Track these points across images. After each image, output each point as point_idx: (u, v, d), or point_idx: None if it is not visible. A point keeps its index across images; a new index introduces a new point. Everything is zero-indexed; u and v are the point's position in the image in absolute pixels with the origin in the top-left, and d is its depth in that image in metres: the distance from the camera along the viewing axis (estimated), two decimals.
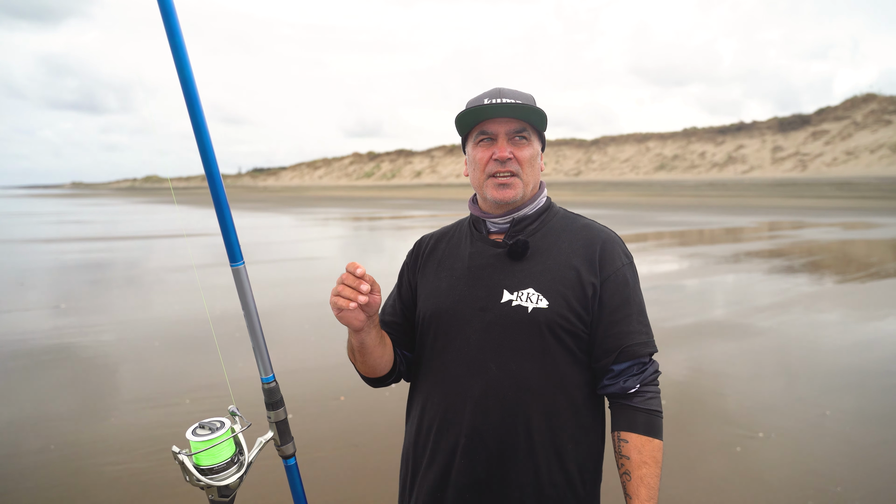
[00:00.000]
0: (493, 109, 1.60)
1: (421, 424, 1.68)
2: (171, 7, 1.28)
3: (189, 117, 1.34)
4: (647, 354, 1.61)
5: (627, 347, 1.59)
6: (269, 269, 13.73)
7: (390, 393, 5.54)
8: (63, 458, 4.40)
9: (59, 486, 4.00)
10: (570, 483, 1.59)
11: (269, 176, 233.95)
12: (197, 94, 1.33)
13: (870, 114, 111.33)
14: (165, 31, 1.28)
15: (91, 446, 4.58)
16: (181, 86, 1.33)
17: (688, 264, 14.23)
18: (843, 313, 8.94)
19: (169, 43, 1.30)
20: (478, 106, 1.61)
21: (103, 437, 4.72)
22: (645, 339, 1.61)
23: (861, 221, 26.10)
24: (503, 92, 1.64)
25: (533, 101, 1.66)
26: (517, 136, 1.62)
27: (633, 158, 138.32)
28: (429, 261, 1.79)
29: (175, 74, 1.31)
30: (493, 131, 1.63)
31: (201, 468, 1.31)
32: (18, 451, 4.50)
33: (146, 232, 24.97)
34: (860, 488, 3.92)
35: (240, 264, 1.44)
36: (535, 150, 1.66)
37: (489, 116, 1.62)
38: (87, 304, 9.92)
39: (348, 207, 46.07)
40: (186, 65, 1.31)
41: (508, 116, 1.61)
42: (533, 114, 1.60)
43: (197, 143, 1.36)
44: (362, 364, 1.67)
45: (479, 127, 1.65)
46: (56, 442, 4.65)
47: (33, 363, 6.61)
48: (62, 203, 62.54)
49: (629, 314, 1.61)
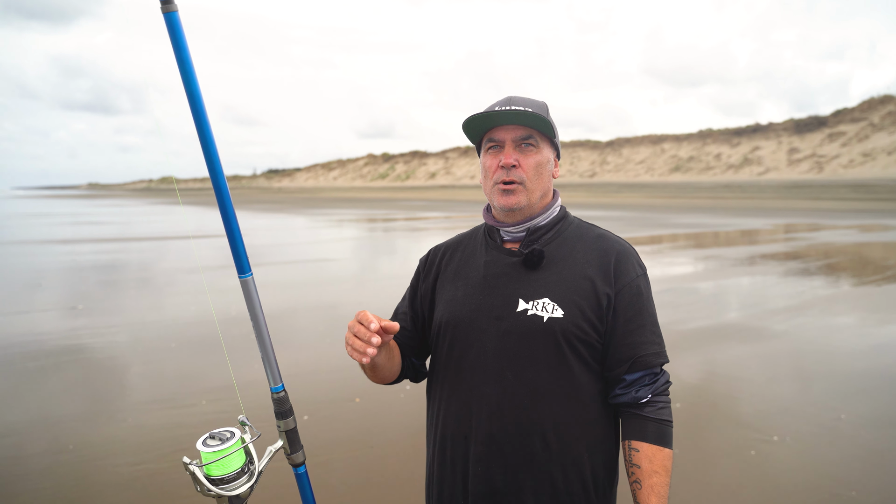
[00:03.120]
0: (497, 117, 1.61)
1: (439, 432, 1.70)
2: (178, 24, 1.29)
3: (199, 138, 1.36)
4: (658, 365, 1.62)
5: (640, 358, 1.59)
6: (284, 271, 13.80)
7: (405, 394, 5.55)
8: (80, 458, 4.44)
9: (77, 487, 4.04)
10: (586, 491, 1.59)
11: (283, 177, 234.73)
12: (206, 116, 1.36)
13: (887, 115, 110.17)
14: (173, 49, 1.30)
15: (108, 447, 4.62)
16: (190, 109, 1.34)
17: (703, 266, 14.16)
18: (859, 316, 8.86)
19: (176, 61, 1.31)
20: (482, 113, 1.63)
21: (120, 438, 4.77)
22: (657, 349, 1.62)
23: (878, 224, 25.86)
24: (513, 100, 1.65)
25: (545, 110, 1.67)
26: (524, 144, 1.63)
27: (648, 160, 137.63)
28: (445, 271, 1.79)
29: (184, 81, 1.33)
30: (500, 138, 1.64)
31: (212, 478, 1.32)
32: (37, 451, 4.55)
33: (161, 233, 25.16)
34: (875, 493, 3.89)
35: (248, 276, 1.46)
36: (543, 157, 1.66)
37: (495, 124, 1.64)
38: (104, 306, 10.00)
39: (363, 209, 46.18)
40: (195, 87, 1.33)
41: (514, 124, 1.63)
42: (538, 121, 1.61)
43: (205, 158, 1.38)
44: (372, 376, 1.71)
45: (488, 135, 1.67)
46: (74, 442, 4.69)
47: (51, 364, 6.67)
48: (78, 204, 63.09)
49: (643, 324, 1.62)
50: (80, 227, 28.65)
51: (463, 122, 1.65)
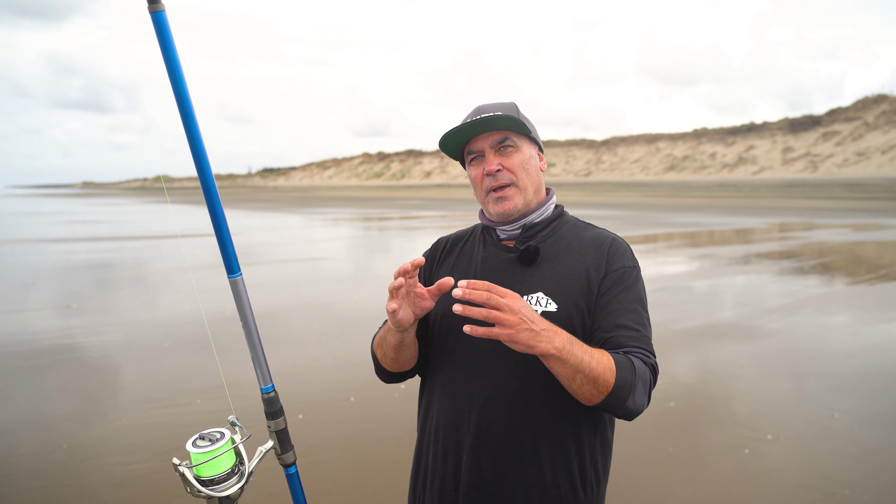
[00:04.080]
0: (468, 129, 1.64)
1: (431, 424, 1.71)
2: (166, 23, 1.29)
3: (186, 138, 1.36)
4: (639, 349, 1.55)
5: (615, 338, 1.54)
6: (279, 270, 13.77)
7: (399, 393, 5.55)
8: (74, 457, 4.43)
9: (71, 486, 4.03)
10: (573, 485, 1.59)
11: (279, 176, 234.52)
12: (195, 115, 1.36)
13: (881, 115, 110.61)
14: (160, 48, 1.30)
15: (102, 446, 4.61)
16: (178, 108, 1.34)
17: (697, 265, 14.19)
18: (852, 315, 8.89)
19: (164, 61, 1.31)
20: (454, 129, 1.65)
21: (114, 438, 4.75)
22: (640, 335, 1.56)
23: (872, 223, 25.95)
24: (481, 108, 1.69)
25: (514, 110, 1.70)
26: (502, 147, 1.66)
27: (644, 159, 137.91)
28: (444, 262, 1.82)
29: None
30: (478, 148, 1.67)
31: (202, 479, 1.32)
32: (30, 451, 4.53)
33: (156, 232, 25.09)
34: (868, 491, 3.90)
35: (237, 276, 1.46)
36: (525, 154, 1.68)
37: (469, 136, 1.67)
38: (98, 305, 9.97)
39: (358, 208, 46.15)
40: (183, 86, 1.33)
41: (487, 131, 1.65)
42: (508, 122, 1.62)
43: (193, 158, 1.38)
44: (393, 360, 1.68)
45: (466, 147, 1.71)
46: (68, 441, 4.68)
47: (45, 363, 6.65)
48: (72, 203, 62.90)
49: (630, 309, 1.58)
50: (74, 226, 28.56)
51: (439, 142, 1.68)
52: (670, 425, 4.98)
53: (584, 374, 1.37)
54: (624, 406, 1.44)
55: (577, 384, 1.39)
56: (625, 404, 1.43)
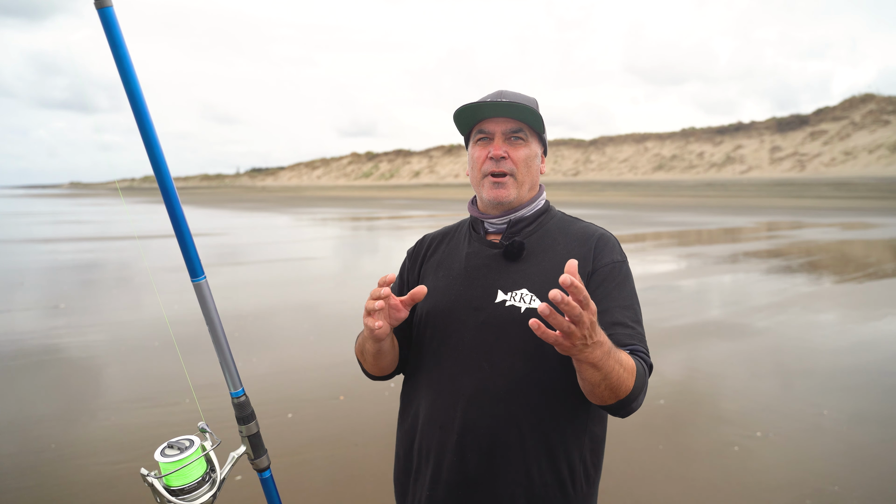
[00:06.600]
0: (488, 108, 1.62)
1: (415, 422, 1.69)
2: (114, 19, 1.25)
3: (141, 137, 1.33)
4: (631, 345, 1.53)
5: (611, 336, 1.50)
6: (267, 270, 13.71)
7: (389, 392, 5.52)
8: (62, 457, 4.38)
9: (58, 486, 3.98)
10: (561, 484, 1.56)
11: (267, 176, 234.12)
12: (149, 114, 1.33)
13: (868, 114, 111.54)
14: (109, 46, 1.26)
15: (90, 446, 4.56)
16: (131, 108, 1.30)
17: (686, 264, 14.22)
18: (840, 313, 8.92)
19: (114, 58, 1.27)
20: (474, 103, 1.63)
21: (102, 437, 4.70)
22: (633, 332, 1.54)
23: (859, 221, 26.12)
24: (504, 94, 1.67)
25: (535, 105, 1.68)
26: (513, 137, 1.64)
27: (632, 159, 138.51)
28: (430, 260, 1.80)
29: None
30: (490, 130, 1.65)
31: (171, 489, 1.27)
32: (19, 450, 4.49)
33: (142, 232, 24.93)
34: (858, 488, 3.90)
35: (201, 279, 1.42)
36: (532, 151, 1.67)
37: (486, 115, 1.65)
38: (86, 304, 9.88)
39: (346, 207, 46.07)
40: (135, 84, 1.29)
41: (504, 116, 1.63)
42: (529, 114, 1.60)
43: (149, 157, 1.34)
44: (374, 366, 1.70)
45: (478, 126, 1.68)
46: (55, 441, 4.63)
47: (32, 363, 6.58)
48: (59, 203, 62.49)
49: (624, 305, 1.57)
50: (60, 226, 28.36)
51: (454, 112, 1.65)
52: (660, 423, 4.96)
53: (609, 381, 1.35)
54: (628, 408, 1.44)
55: (599, 389, 1.37)
56: (630, 406, 1.43)
